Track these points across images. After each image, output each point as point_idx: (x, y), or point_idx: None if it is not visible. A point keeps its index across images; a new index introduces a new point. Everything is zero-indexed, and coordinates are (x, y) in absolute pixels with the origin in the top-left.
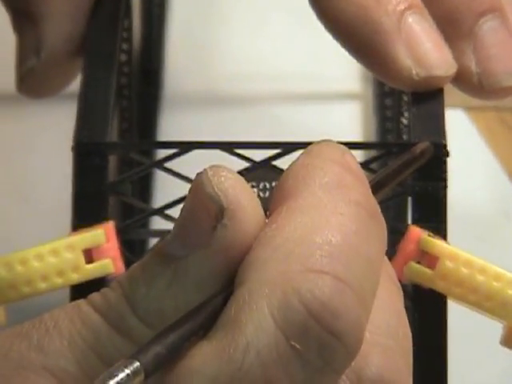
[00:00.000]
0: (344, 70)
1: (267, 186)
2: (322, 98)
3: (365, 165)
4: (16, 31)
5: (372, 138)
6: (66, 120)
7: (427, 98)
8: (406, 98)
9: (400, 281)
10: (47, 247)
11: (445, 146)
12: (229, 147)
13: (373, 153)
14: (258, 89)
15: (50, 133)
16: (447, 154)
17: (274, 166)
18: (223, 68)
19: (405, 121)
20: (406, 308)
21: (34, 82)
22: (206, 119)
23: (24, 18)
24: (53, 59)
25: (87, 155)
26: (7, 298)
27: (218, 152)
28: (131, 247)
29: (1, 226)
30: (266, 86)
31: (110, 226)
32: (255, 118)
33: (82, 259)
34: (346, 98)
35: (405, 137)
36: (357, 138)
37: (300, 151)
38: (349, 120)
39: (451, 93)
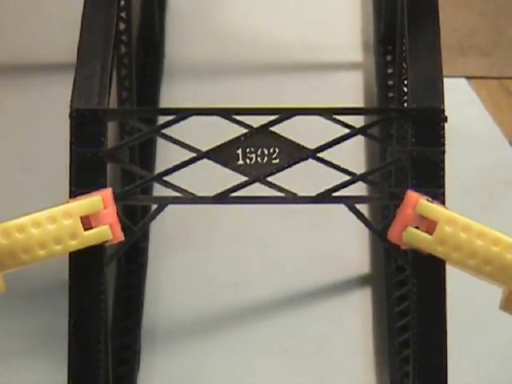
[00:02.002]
0: (346, 40)
1: (265, 151)
2: (324, 67)
3: (363, 130)
4: None
5: (374, 106)
6: (67, 91)
7: (425, 65)
8: (405, 66)
9: (399, 246)
10: (45, 214)
11: (443, 111)
12: (227, 113)
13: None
14: (260, 58)
15: (50, 103)
16: (445, 120)
17: (272, 132)
18: (225, 37)
19: (406, 89)
20: (404, 281)
21: None
22: (208, 88)
23: None
24: None
25: (84, 122)
26: (6, 266)
27: (216, 118)
28: (133, 213)
29: (2, 194)
30: (268, 55)
31: (107, 193)
32: (257, 87)
33: (80, 226)
34: (348, 67)
35: (405, 104)
36: (359, 105)
37: (298, 117)
38: (351, 89)
39: (453, 62)
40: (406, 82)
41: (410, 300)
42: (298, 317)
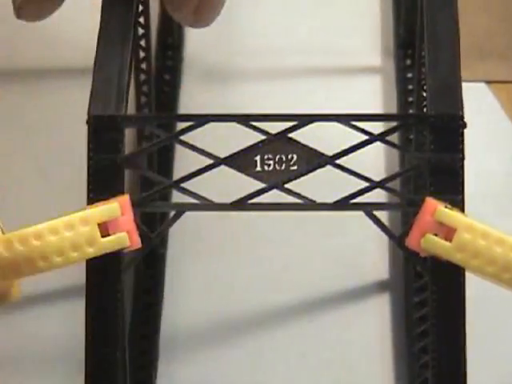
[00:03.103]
0: (365, 44)
1: (283, 158)
2: (343, 71)
3: (381, 136)
4: None
5: (393, 111)
6: (85, 95)
7: (444, 69)
8: (424, 70)
9: (417, 253)
10: (62, 221)
11: (462, 117)
12: (245, 120)
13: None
14: (278, 63)
15: (68, 107)
16: (464, 126)
17: (290, 139)
18: (244, 42)
19: (425, 94)
20: (423, 287)
21: (31, 7)
22: (227, 94)
23: None
24: None
25: (102, 128)
26: (23, 273)
27: (234, 125)
28: (151, 221)
29: (19, 201)
30: (286, 60)
31: (125, 199)
32: (276, 93)
33: (98, 233)
34: (367, 71)
35: (425, 110)
36: (378, 111)
37: (316, 123)
38: (370, 94)
39: (473, 66)
40: (425, 88)
41: (428, 307)
42: (316, 322)
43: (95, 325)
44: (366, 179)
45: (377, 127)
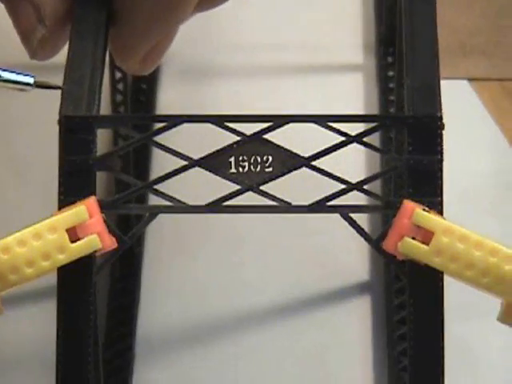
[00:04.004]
0: (346, 40)
1: (258, 159)
2: (323, 68)
3: (358, 137)
4: (10, 9)
5: (374, 110)
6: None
7: (422, 70)
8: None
9: (395, 256)
10: (29, 231)
11: (440, 118)
12: (219, 120)
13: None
14: (256, 60)
15: (44, 105)
16: (443, 127)
17: (265, 140)
18: (223, 38)
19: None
20: (404, 289)
21: (46, 48)
22: (205, 90)
23: None
24: (56, 22)
25: (73, 129)
26: None
27: (209, 125)
28: (126, 222)
29: None
30: (266, 56)
31: (91, 201)
32: (255, 90)
33: (67, 238)
34: (348, 69)
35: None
36: (358, 110)
37: (291, 124)
38: (351, 92)
39: (455, 64)
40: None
41: (406, 311)
42: (295, 325)
43: (67, 329)
44: (343, 181)
45: (357, 128)
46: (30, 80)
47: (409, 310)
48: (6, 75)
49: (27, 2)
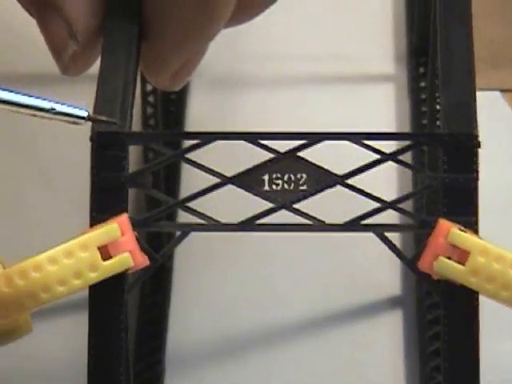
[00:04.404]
0: (376, 51)
1: (292, 177)
2: (353, 79)
3: (393, 156)
4: (41, 25)
5: (406, 121)
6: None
7: (458, 86)
8: (437, 82)
9: (430, 276)
10: (61, 249)
11: (476, 136)
12: (253, 138)
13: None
14: (286, 70)
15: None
16: (478, 145)
17: (300, 157)
18: (252, 49)
19: (438, 106)
20: (437, 304)
21: (78, 64)
22: (234, 101)
23: (45, 8)
24: (88, 37)
25: (105, 146)
26: (26, 307)
27: (242, 142)
28: (157, 239)
29: (24, 212)
30: (295, 67)
31: (123, 219)
32: (283, 100)
33: (99, 257)
34: (379, 79)
35: (438, 122)
36: (390, 121)
37: (326, 142)
38: (381, 102)
39: (487, 75)
40: (438, 100)
41: (440, 331)
42: (326, 340)
43: (98, 348)
44: (378, 199)
45: (389, 144)
46: (83, 113)
47: (443, 329)
48: (59, 108)
49: (59, 18)
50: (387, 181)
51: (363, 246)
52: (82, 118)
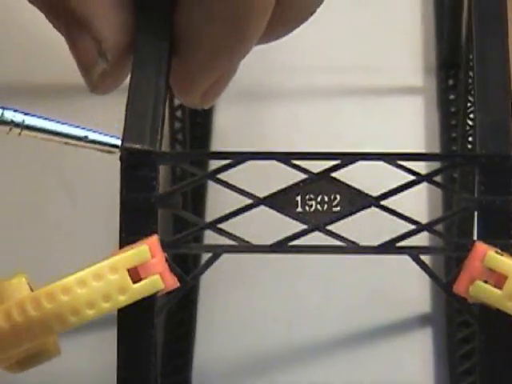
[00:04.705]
0: (405, 62)
1: (325, 199)
2: (382, 91)
3: (429, 177)
4: (70, 42)
5: (435, 134)
6: (120, 115)
7: (494, 106)
8: (470, 98)
9: (466, 300)
10: (90, 271)
11: None
12: (285, 158)
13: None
14: (314, 82)
15: (103, 128)
16: None
17: (333, 178)
18: (278, 60)
19: (471, 122)
20: (474, 334)
21: (107, 82)
22: (262, 113)
23: (74, 25)
24: (118, 55)
25: (135, 165)
26: (54, 330)
27: (273, 162)
28: (184, 262)
29: (48, 229)
30: (323, 78)
31: (153, 241)
32: (312, 113)
33: (128, 279)
34: (408, 91)
35: (470, 138)
36: (419, 134)
37: (360, 162)
38: (411, 115)
39: None
40: (471, 116)
41: (476, 357)
42: (354, 358)
43: (127, 371)
44: (413, 221)
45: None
46: (117, 142)
47: (478, 355)
48: (92, 136)
49: (88, 35)
50: (417, 201)
51: (393, 262)
52: (117, 146)
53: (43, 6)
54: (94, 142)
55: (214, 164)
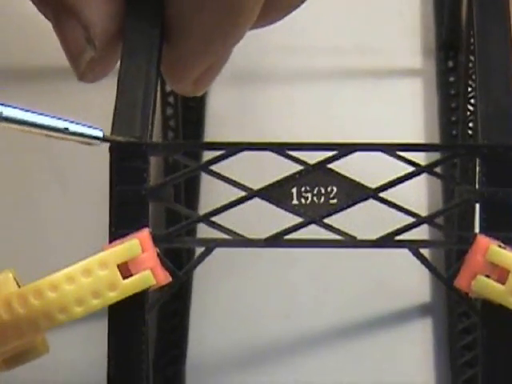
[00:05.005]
0: (403, 44)
1: (322, 190)
2: (380, 73)
3: (429, 168)
4: (58, 29)
5: (434, 116)
6: (111, 99)
7: (496, 95)
8: (471, 83)
9: (467, 295)
10: (79, 267)
11: None
12: (281, 149)
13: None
14: (310, 63)
15: (93, 112)
16: None
17: (330, 170)
18: (273, 41)
19: (470, 107)
20: (475, 324)
21: (95, 70)
22: (256, 96)
23: (61, 11)
24: (107, 42)
25: (125, 157)
26: (42, 327)
27: (268, 152)
28: (177, 256)
29: (38, 215)
30: (320, 60)
31: (144, 235)
32: (308, 95)
33: (118, 275)
34: (407, 73)
35: (471, 124)
36: (418, 117)
37: (358, 153)
38: (409, 97)
39: None
40: (472, 101)
41: (478, 350)
42: (353, 349)
43: (118, 368)
44: (412, 214)
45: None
46: (99, 133)
47: (481, 350)
48: (73, 128)
49: (75, 22)
50: (415, 192)
51: (391, 252)
52: (98, 138)
53: None
54: (74, 133)
55: (208, 154)
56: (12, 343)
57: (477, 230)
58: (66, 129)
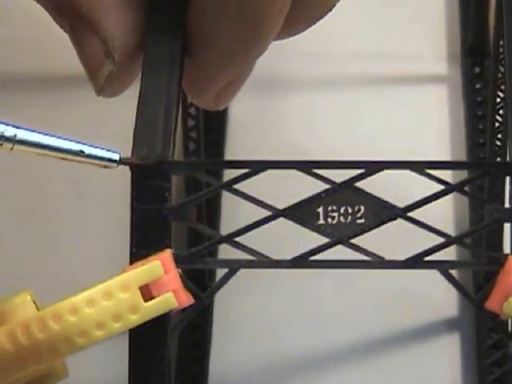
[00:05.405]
0: (429, 50)
1: (349, 210)
2: (405, 80)
3: (459, 186)
4: (75, 42)
5: (461, 124)
6: (132, 109)
7: None
8: (500, 93)
9: (499, 317)
10: (99, 290)
11: None
12: (307, 167)
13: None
14: (333, 70)
15: (112, 122)
16: None
17: (357, 188)
18: (296, 47)
19: (499, 118)
20: (504, 340)
21: (114, 84)
22: (278, 103)
23: (81, 25)
24: (126, 56)
25: (147, 175)
26: (61, 352)
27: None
28: (199, 277)
29: (55, 224)
30: (344, 66)
31: (166, 256)
32: (331, 103)
33: (140, 298)
34: (432, 80)
35: (500, 135)
36: (443, 124)
37: (386, 171)
38: (435, 105)
39: None
40: (500, 112)
41: (507, 367)
42: (379, 364)
43: None
44: (442, 234)
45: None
46: (115, 156)
47: (510, 366)
48: (89, 150)
49: (93, 35)
50: (442, 210)
51: None
52: (114, 160)
53: (48, 3)
54: (90, 156)
55: (230, 172)
56: (31, 368)
57: (506, 249)
58: (82, 151)
